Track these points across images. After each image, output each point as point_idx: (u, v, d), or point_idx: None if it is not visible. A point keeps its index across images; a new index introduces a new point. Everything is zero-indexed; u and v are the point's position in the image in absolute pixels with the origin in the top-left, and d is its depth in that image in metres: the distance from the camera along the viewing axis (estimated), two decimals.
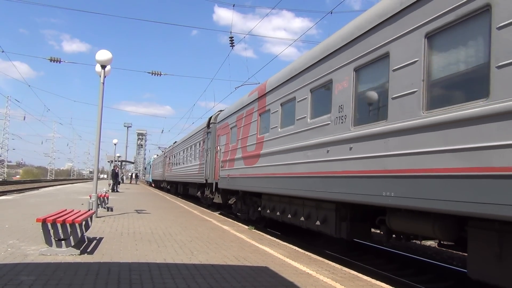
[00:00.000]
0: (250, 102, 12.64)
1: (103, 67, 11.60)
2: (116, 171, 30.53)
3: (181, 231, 9.85)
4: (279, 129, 9.97)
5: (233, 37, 19.37)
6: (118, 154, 42.43)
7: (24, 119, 73.94)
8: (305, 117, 8.54)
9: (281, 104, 10.03)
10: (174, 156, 32.46)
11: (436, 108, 4.99)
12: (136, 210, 14.63)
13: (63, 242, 6.26)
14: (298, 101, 8.98)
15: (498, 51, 4.21)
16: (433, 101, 5.10)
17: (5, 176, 71.65)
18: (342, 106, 7.19)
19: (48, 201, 16.93)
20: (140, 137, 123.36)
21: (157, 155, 56.39)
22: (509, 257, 4.37)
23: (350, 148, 6.81)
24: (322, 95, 8.04)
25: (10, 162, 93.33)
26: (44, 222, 6.12)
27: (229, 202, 15.63)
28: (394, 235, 6.57)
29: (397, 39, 5.81)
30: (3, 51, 22.39)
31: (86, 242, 7.21)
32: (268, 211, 11.25)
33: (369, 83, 6.72)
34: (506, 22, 4.16)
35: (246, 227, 11.63)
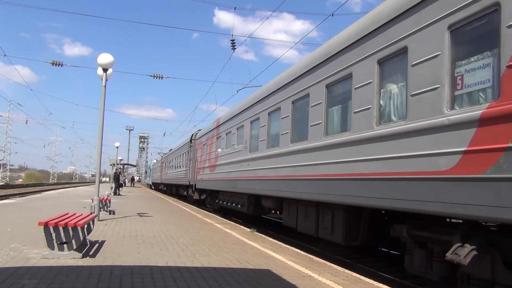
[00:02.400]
0: (213, 129, 18.66)
1: (105, 70, 11.61)
2: (118, 173, 30.57)
3: (183, 234, 9.84)
4: (225, 149, 15.92)
5: (234, 40, 19.40)
6: (120, 157, 42.42)
7: (27, 122, 73.89)
8: (233, 144, 14.71)
9: (226, 134, 16.01)
10: (169, 162, 37.76)
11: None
12: (138, 213, 14.63)
13: (65, 245, 6.26)
14: (232, 133, 15.03)
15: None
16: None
17: (8, 179, 71.79)
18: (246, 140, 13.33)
19: (50, 205, 16.95)
20: (142, 140, 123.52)
21: (156, 159, 63.25)
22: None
23: (248, 164, 12.61)
24: (240, 133, 14.13)
25: (12, 165, 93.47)
26: (46, 225, 6.13)
27: (201, 198, 21.61)
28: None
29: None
30: (5, 55, 22.49)
31: (88, 246, 7.21)
32: (223, 202, 16.78)
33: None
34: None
35: (248, 229, 11.62)
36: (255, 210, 13.07)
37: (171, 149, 41.09)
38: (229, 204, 15.59)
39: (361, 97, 6.63)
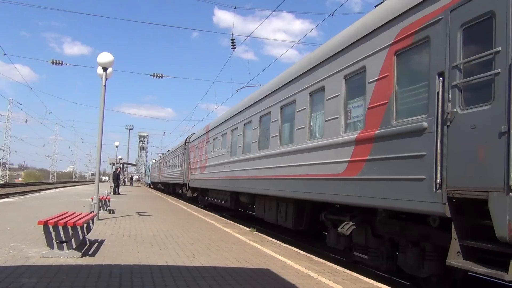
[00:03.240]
0: (203, 134, 21.49)
1: (105, 69, 11.60)
2: (118, 173, 30.57)
3: (182, 233, 9.85)
4: (212, 153, 18.50)
5: (234, 39, 19.41)
6: (119, 157, 42.43)
7: (26, 121, 73.81)
8: (219, 148, 17.43)
9: (213, 139, 18.66)
10: (166, 162, 40.45)
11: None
12: (138, 213, 14.63)
13: (64, 244, 6.26)
14: (218, 139, 17.77)
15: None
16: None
17: (7, 178, 71.79)
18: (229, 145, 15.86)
19: (50, 204, 16.95)
20: (142, 139, 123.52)
21: (155, 160, 66.09)
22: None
23: (229, 166, 15.12)
24: (224, 140, 16.78)
25: (12, 164, 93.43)
26: (45, 224, 6.13)
27: (193, 195, 24.28)
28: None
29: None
30: (5, 54, 22.48)
31: (88, 245, 7.21)
32: (211, 199, 19.31)
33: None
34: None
35: (248, 229, 11.63)
36: (235, 205, 15.74)
37: (168, 150, 44.69)
38: (216, 200, 18.27)
39: (299, 119, 9.14)
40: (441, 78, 5.06)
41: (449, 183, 4.80)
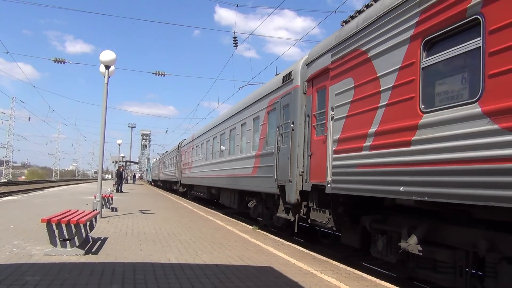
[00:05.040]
0: (190, 141, 26.89)
1: (107, 67, 11.61)
2: (121, 171, 30.61)
3: (185, 231, 9.86)
4: (195, 157, 23.97)
5: (236, 37, 19.40)
6: (122, 155, 42.47)
7: (29, 120, 74.03)
8: (200, 154, 22.71)
9: (196, 146, 24.07)
10: (164, 162, 46.77)
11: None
12: (141, 211, 14.66)
13: (67, 242, 6.28)
14: (198, 147, 23.13)
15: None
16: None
17: (11, 176, 71.98)
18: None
19: (53, 202, 17.00)
20: (144, 137, 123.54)
21: (156, 159, 72.16)
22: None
23: (205, 167, 20.56)
24: (202, 148, 21.97)
25: (15, 162, 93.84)
26: (49, 222, 6.14)
27: (184, 190, 29.57)
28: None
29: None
30: (7, 52, 22.53)
31: (91, 243, 7.23)
32: (195, 193, 24.53)
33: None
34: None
35: (250, 227, 11.64)
36: (210, 196, 20.74)
37: (166, 151, 51.85)
38: (198, 193, 23.53)
39: (236, 140, 15.02)
40: (277, 129, 10.38)
41: (278, 179, 10.01)
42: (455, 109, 4.71)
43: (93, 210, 8.67)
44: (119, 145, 39.39)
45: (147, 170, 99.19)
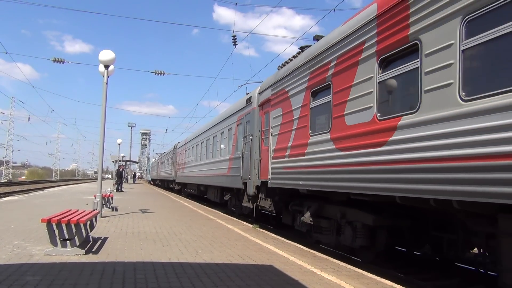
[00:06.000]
0: (183, 144, 30.90)
1: (107, 67, 11.59)
2: (121, 171, 30.59)
3: (185, 230, 9.86)
4: (187, 158, 27.54)
5: (236, 35, 19.39)
6: (122, 154, 42.43)
7: (29, 120, 74.12)
8: (191, 156, 26.44)
9: (188, 149, 27.77)
10: (162, 163, 50.55)
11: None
12: (141, 210, 14.67)
13: (68, 242, 6.28)
14: (189, 150, 27.20)
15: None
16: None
17: (11, 177, 71.95)
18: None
19: (53, 202, 17.00)
20: (144, 137, 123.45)
21: (155, 159, 75.22)
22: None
23: (195, 167, 24.53)
24: (192, 151, 26.33)
25: (15, 163, 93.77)
26: (49, 222, 6.14)
27: (179, 188, 32.43)
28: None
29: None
30: (6, 52, 22.46)
31: (91, 242, 7.23)
32: (188, 190, 28.03)
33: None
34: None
35: (251, 225, 11.64)
36: (199, 193, 23.66)
37: (164, 152, 55.15)
38: (190, 190, 27.01)
39: (215, 146, 19.02)
40: (243, 139, 13.11)
41: (242, 177, 12.95)
42: (322, 134, 7.95)
43: (93, 210, 8.67)
44: (119, 144, 39.32)
45: (146, 169, 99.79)
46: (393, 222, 6.97)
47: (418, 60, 5.43)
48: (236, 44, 19.53)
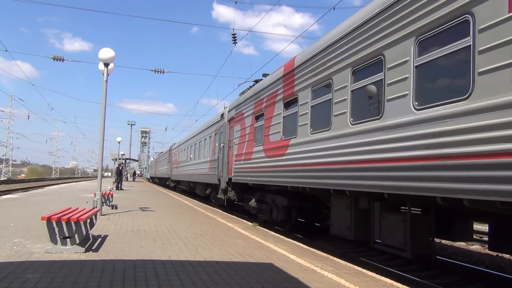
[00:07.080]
0: (178, 146, 34.89)
1: (106, 65, 11.58)
2: (120, 168, 30.59)
3: (185, 228, 9.87)
4: (181, 158, 31.39)
5: (235, 34, 19.38)
6: (122, 152, 42.43)
7: (28, 118, 73.87)
8: (184, 156, 30.34)
9: (182, 150, 31.81)
10: (159, 162, 54.57)
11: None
12: (141, 208, 14.67)
13: (68, 240, 6.28)
14: (183, 151, 31.05)
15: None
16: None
17: (10, 175, 72.00)
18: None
19: (53, 200, 17.00)
20: (144, 135, 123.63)
21: (154, 157, 77.90)
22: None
23: (187, 166, 28.63)
24: (185, 152, 30.25)
25: (14, 161, 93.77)
26: (49, 220, 6.14)
27: (173, 185, 36.49)
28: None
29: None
30: (6, 50, 22.40)
31: (91, 240, 7.23)
32: (182, 186, 31.33)
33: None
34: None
35: (251, 224, 11.65)
36: (190, 189, 26.91)
37: (162, 152, 59.03)
38: (183, 187, 30.16)
39: (201, 149, 22.82)
40: (218, 145, 17.43)
41: (218, 175, 17.01)
42: (259, 146, 11.62)
43: (93, 208, 8.67)
44: (119, 142, 39.24)
45: (145, 168, 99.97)
46: (300, 204, 10.56)
47: (296, 107, 9.28)
48: (236, 42, 19.54)
